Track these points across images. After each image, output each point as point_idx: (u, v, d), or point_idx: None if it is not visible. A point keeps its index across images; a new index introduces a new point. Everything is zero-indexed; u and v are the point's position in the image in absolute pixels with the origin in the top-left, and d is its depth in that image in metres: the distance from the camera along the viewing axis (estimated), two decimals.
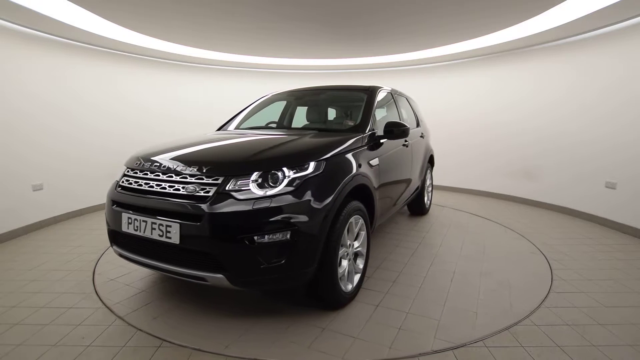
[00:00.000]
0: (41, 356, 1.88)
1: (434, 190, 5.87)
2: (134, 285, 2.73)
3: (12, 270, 3.01)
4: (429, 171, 4.76)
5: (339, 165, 2.28)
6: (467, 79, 6.20)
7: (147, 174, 2.16)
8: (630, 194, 4.03)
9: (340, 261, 2.28)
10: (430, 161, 4.86)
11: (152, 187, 2.09)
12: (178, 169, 2.06)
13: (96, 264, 3.14)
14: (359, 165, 2.45)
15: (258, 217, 1.86)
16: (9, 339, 2.04)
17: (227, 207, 1.86)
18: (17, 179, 3.99)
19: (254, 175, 1.95)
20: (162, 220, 1.96)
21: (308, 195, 1.97)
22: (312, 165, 2.08)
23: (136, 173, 2.23)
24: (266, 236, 1.86)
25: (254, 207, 1.86)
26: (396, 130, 2.83)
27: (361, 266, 2.55)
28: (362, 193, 2.55)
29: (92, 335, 2.07)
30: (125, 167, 2.36)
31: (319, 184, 2.05)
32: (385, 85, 3.76)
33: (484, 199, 5.87)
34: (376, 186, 2.72)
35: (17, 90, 4.01)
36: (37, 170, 4.22)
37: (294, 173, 2.01)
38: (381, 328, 2.13)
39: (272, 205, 1.88)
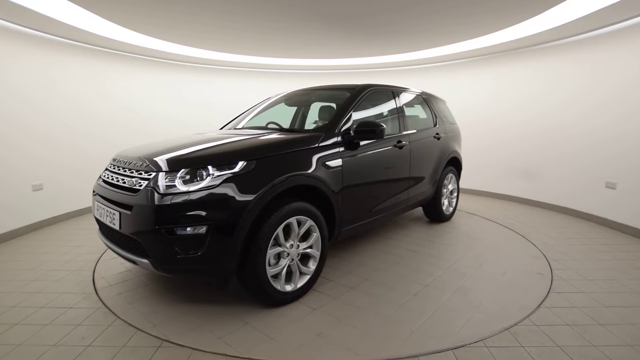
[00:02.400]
0: (41, 356, 1.89)
1: (460, 195, 5.37)
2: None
3: (12, 270, 3.01)
4: (452, 175, 4.45)
5: (273, 165, 2.29)
6: (468, 80, 6.20)
7: (114, 169, 2.46)
8: (630, 194, 4.03)
9: (279, 260, 2.36)
10: (454, 164, 4.52)
11: (113, 179, 2.39)
12: (130, 165, 2.32)
13: (96, 264, 3.14)
14: (305, 166, 2.45)
15: (175, 211, 2.00)
16: (9, 339, 2.05)
17: (148, 199, 2.04)
18: (17, 179, 3.99)
19: (181, 172, 2.09)
20: (111, 208, 2.25)
21: (229, 193, 2.07)
22: (240, 164, 2.16)
23: (111, 168, 2.51)
24: (183, 228, 2.00)
25: (172, 201, 2.01)
26: (365, 130, 2.75)
27: (312, 268, 2.55)
28: (317, 195, 2.56)
29: (92, 335, 2.07)
30: (109, 163, 2.62)
31: (243, 183, 2.12)
32: (393, 83, 3.76)
33: (490, 201, 5.87)
34: (337, 189, 2.65)
35: (16, 91, 4.01)
36: (37, 170, 4.22)
37: (218, 171, 2.10)
38: (301, 332, 2.11)
39: (190, 200, 2.01)
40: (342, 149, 2.75)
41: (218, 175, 2.09)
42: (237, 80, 6.85)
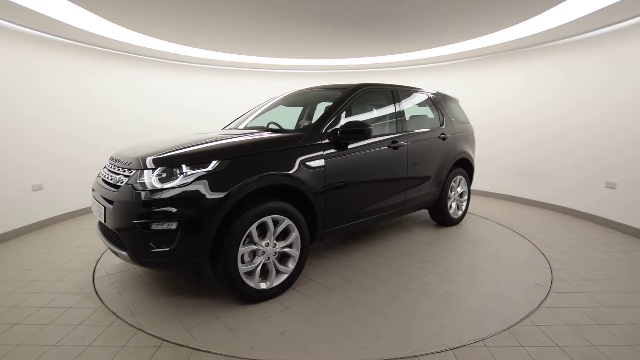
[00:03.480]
0: (41, 356, 1.89)
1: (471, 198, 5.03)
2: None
3: (12, 270, 3.01)
4: (461, 177, 4.28)
5: (246, 165, 2.33)
6: (467, 80, 6.20)
7: (109, 166, 2.58)
8: (630, 194, 4.03)
9: (254, 257, 2.41)
10: (464, 166, 4.34)
11: (105, 177, 2.53)
12: (118, 163, 2.46)
13: (96, 264, 3.15)
14: (282, 166, 2.47)
15: (149, 206, 2.11)
16: (9, 339, 2.05)
17: (126, 195, 2.18)
18: (17, 179, 3.99)
19: (158, 170, 2.19)
20: (100, 203, 2.39)
21: (200, 191, 2.14)
22: (213, 163, 2.23)
23: (107, 165, 2.63)
24: (155, 224, 2.11)
25: (145, 197, 2.12)
26: (351, 130, 2.74)
27: (291, 267, 2.57)
28: (297, 194, 2.58)
29: (92, 335, 2.07)
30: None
31: (214, 181, 2.18)
32: (394, 82, 3.74)
33: (492, 201, 5.86)
34: (319, 190, 2.65)
35: (17, 91, 4.01)
36: (37, 170, 4.22)
37: (192, 170, 2.19)
38: (265, 329, 2.14)
39: (163, 197, 2.11)
40: (328, 149, 2.74)
41: (191, 174, 2.17)
42: (237, 81, 6.84)
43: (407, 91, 3.79)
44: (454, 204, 4.28)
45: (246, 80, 6.89)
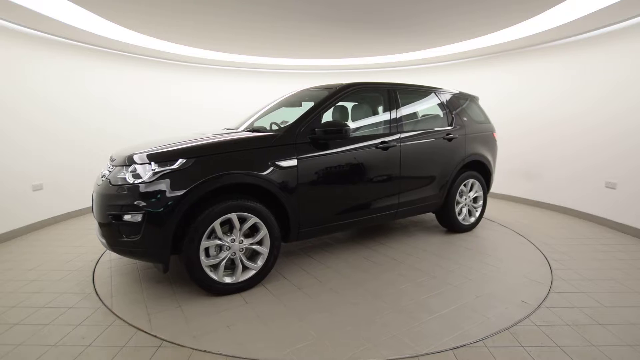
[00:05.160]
0: (41, 356, 1.89)
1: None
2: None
3: (12, 270, 3.01)
4: (473, 181, 3.97)
5: (211, 164, 2.43)
6: (468, 80, 6.20)
7: (107, 164, 2.73)
8: (630, 194, 4.03)
9: (220, 251, 2.51)
10: (478, 169, 4.03)
11: (102, 173, 2.68)
12: (110, 160, 2.67)
13: (96, 264, 3.15)
14: (249, 165, 2.53)
15: (119, 199, 2.33)
16: (9, 339, 2.05)
17: (104, 189, 2.44)
18: (17, 179, 3.99)
19: (132, 167, 2.39)
20: (92, 196, 2.65)
21: (162, 188, 2.29)
22: (179, 161, 2.36)
23: (107, 164, 2.75)
24: (124, 215, 2.31)
25: (118, 191, 2.36)
26: (329, 130, 2.77)
27: (260, 264, 2.63)
28: (267, 193, 2.63)
29: (92, 335, 2.07)
30: None
31: (177, 179, 2.32)
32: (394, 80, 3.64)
33: (494, 202, 5.85)
34: (290, 189, 2.67)
35: (17, 91, 4.01)
36: (37, 170, 4.22)
37: (160, 167, 2.34)
38: (216, 321, 2.21)
39: (131, 191, 2.31)
40: (304, 149, 2.76)
41: (158, 171, 2.32)
42: (239, 81, 6.84)
43: (409, 90, 3.64)
44: (464, 209, 3.98)
45: (247, 80, 6.89)
